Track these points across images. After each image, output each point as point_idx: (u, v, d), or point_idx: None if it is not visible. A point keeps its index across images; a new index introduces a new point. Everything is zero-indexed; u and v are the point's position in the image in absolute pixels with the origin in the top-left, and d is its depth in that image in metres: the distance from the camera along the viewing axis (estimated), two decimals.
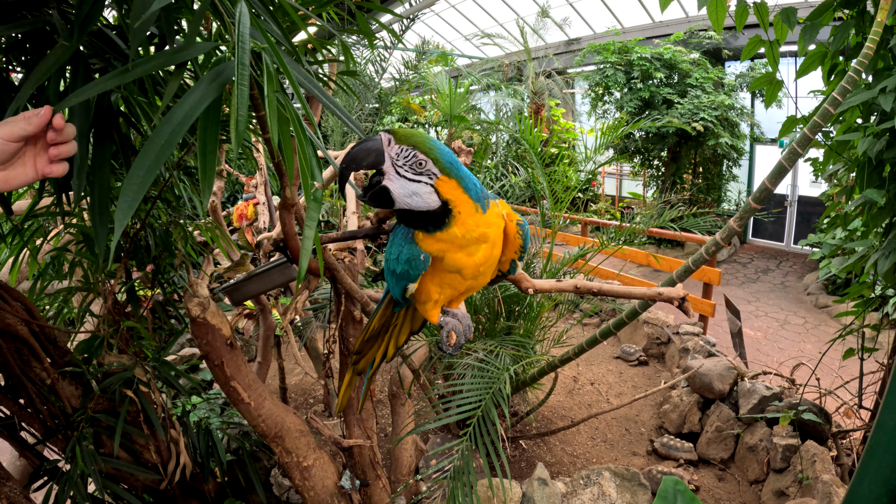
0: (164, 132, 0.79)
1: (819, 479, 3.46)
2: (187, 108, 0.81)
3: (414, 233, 1.24)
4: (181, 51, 0.84)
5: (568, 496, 3.31)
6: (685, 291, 1.68)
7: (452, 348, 1.32)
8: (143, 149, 0.78)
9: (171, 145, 0.78)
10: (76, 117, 1.09)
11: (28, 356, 1.97)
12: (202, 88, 0.83)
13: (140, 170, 0.76)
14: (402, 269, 1.26)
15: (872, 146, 2.53)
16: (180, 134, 0.79)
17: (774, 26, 3.14)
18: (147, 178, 0.76)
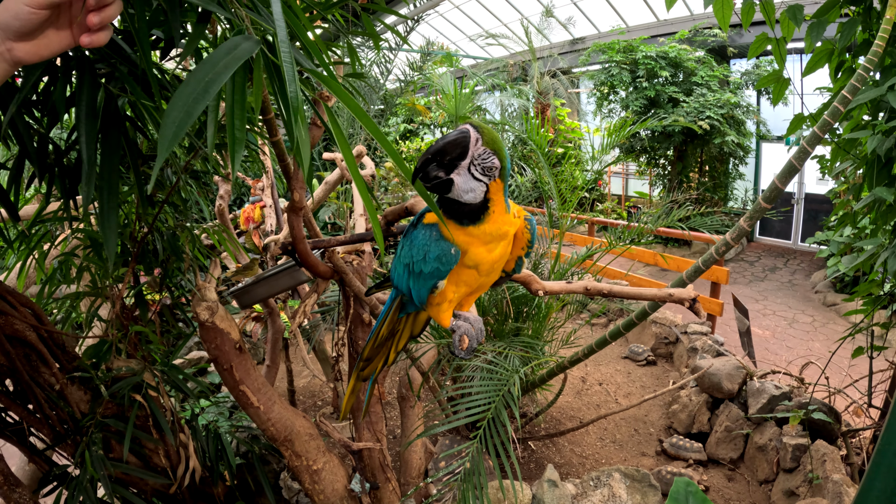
0: (200, 75, 0.70)
1: (829, 478, 3.44)
2: (224, 55, 0.73)
3: (439, 229, 1.25)
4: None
5: (578, 498, 3.30)
6: (696, 292, 1.67)
7: (465, 352, 1.31)
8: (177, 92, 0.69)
9: (211, 88, 0.69)
10: (83, 123, 1.09)
11: (37, 361, 1.97)
12: (234, 43, 0.76)
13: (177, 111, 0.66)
14: (432, 266, 1.27)
15: (881, 144, 2.50)
16: (218, 82, 0.70)
17: (781, 23, 3.12)
18: (184, 123, 0.66)
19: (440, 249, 1.25)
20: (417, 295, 1.34)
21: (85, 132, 1.07)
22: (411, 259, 1.31)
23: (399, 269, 1.37)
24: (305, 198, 1.97)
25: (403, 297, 1.48)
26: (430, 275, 1.28)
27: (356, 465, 2.50)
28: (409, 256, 1.32)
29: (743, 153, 11.84)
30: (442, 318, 1.36)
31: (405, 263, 1.33)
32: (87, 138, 1.07)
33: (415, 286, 1.33)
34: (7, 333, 1.83)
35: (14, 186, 1.60)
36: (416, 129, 16.70)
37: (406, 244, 1.34)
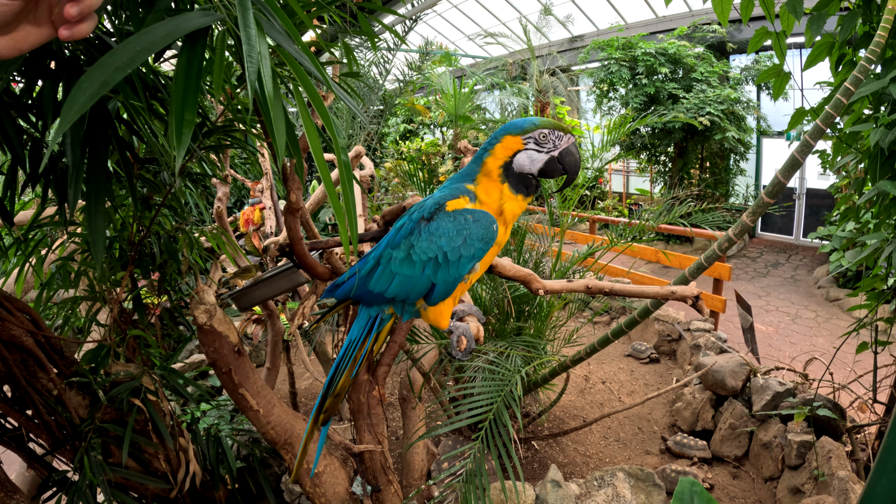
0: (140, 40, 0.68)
1: (835, 475, 3.42)
2: (172, 26, 0.70)
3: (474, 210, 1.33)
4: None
5: (582, 498, 3.28)
6: (699, 290, 1.65)
7: (463, 353, 1.30)
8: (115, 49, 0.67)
9: (142, 54, 0.66)
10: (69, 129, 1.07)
11: (34, 367, 1.96)
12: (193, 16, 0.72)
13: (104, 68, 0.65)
14: (476, 248, 1.31)
15: (885, 136, 2.48)
16: (159, 45, 0.68)
17: (781, 17, 3.10)
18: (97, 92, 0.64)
19: (483, 228, 1.31)
20: (444, 288, 1.35)
21: (70, 135, 1.05)
22: (440, 250, 1.32)
23: (409, 270, 1.34)
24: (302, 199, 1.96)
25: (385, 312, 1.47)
26: (472, 258, 1.32)
27: (357, 467, 2.48)
28: (435, 248, 1.32)
29: (744, 149, 11.82)
30: (442, 319, 1.35)
31: (431, 256, 1.33)
32: (73, 140, 1.05)
33: (446, 276, 1.34)
34: (4, 339, 1.82)
35: (9, 192, 1.59)
36: (416, 129, 16.70)
37: (424, 238, 1.34)
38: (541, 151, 1.33)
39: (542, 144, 1.31)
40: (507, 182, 1.34)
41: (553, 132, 1.31)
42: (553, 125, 1.31)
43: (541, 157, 1.33)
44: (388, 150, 14.84)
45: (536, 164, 1.33)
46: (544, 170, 1.34)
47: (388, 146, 15.20)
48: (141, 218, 2.21)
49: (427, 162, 13.15)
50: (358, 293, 1.41)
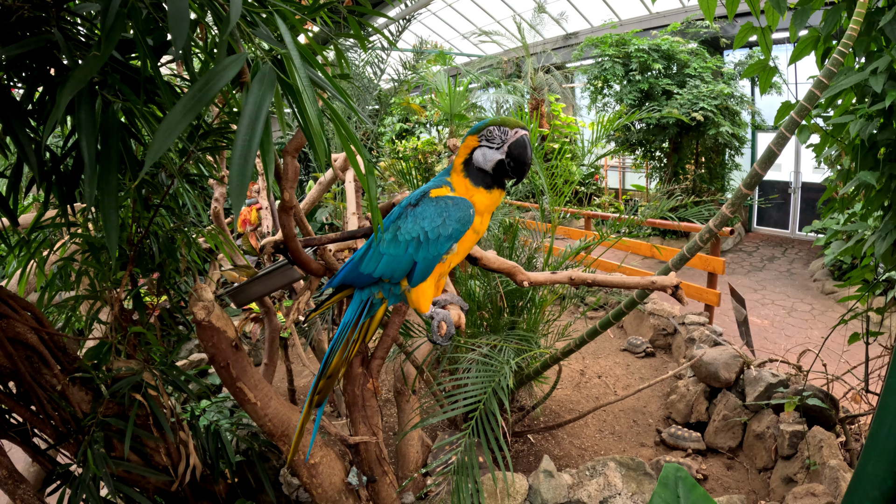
0: (244, 127, 0.89)
1: (826, 464, 3.47)
2: (254, 106, 0.91)
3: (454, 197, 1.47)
4: (217, 72, 0.92)
5: (574, 487, 3.34)
6: (678, 279, 1.71)
7: (443, 338, 1.38)
8: (235, 142, 0.88)
9: (255, 133, 0.89)
10: (83, 127, 1.14)
11: (38, 363, 2.02)
12: (256, 90, 0.92)
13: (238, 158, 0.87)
14: (453, 228, 1.44)
15: (865, 128, 2.54)
16: (259, 125, 0.90)
17: (766, 13, 3.15)
18: (246, 164, 0.87)
19: (460, 211, 1.44)
20: (425, 266, 1.46)
21: (85, 136, 1.12)
22: (422, 230, 1.44)
23: (394, 249, 1.45)
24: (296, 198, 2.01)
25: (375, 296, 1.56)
26: (449, 237, 1.44)
27: (353, 459, 2.54)
28: (418, 228, 1.45)
29: (738, 143, 11.86)
30: (423, 302, 1.44)
31: (414, 236, 1.45)
32: (88, 141, 1.12)
33: (426, 254, 1.46)
34: (9, 336, 1.88)
35: (13, 194, 1.64)
36: (412, 128, 16.74)
37: (409, 220, 1.47)
38: (492, 147, 1.45)
39: (492, 141, 1.43)
40: (468, 177, 1.48)
41: (500, 128, 1.43)
42: (502, 122, 1.44)
43: (493, 153, 1.45)
44: (385, 149, 14.89)
45: (489, 160, 1.46)
46: (499, 163, 1.46)
47: (385, 145, 15.25)
48: (140, 218, 2.27)
49: (423, 161, 13.20)
50: (350, 276, 1.52)
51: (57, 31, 1.25)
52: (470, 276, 3.98)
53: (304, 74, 0.95)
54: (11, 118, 1.29)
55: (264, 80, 0.93)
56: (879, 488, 1.97)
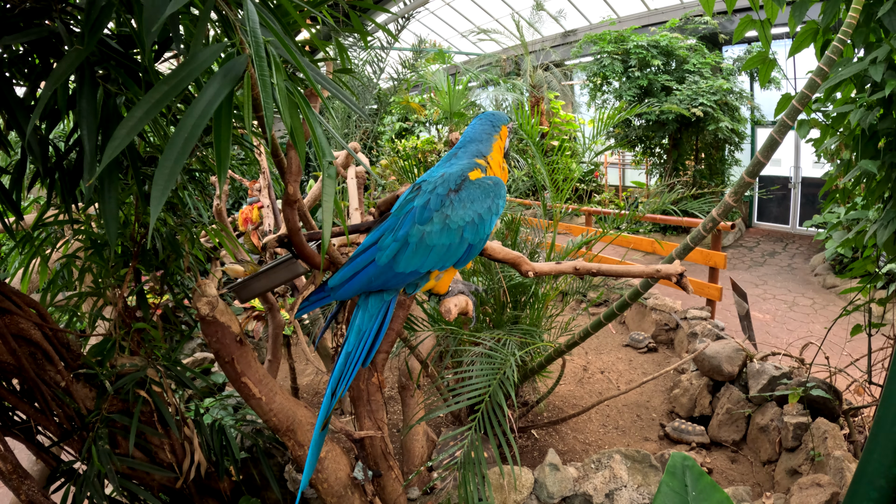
0: (187, 125, 0.85)
1: (831, 455, 3.47)
2: (205, 103, 0.87)
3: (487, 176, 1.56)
4: (194, 62, 0.90)
5: (580, 480, 3.34)
6: (683, 267, 1.71)
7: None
8: (170, 140, 0.84)
9: (194, 136, 0.85)
10: (85, 117, 1.14)
11: (42, 360, 2.02)
12: (216, 83, 0.89)
13: (169, 160, 0.83)
14: (500, 204, 1.52)
15: (865, 117, 2.54)
16: (201, 125, 0.85)
17: (765, 6, 3.15)
18: (176, 167, 0.83)
19: (501, 189, 1.53)
20: (478, 248, 1.51)
21: (86, 124, 1.12)
22: (476, 213, 1.48)
23: (447, 238, 1.45)
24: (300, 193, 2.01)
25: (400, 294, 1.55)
26: (496, 213, 1.52)
27: (358, 453, 2.54)
28: (472, 212, 1.48)
29: (738, 139, 11.86)
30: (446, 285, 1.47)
31: (468, 220, 1.47)
32: (89, 129, 1.12)
33: (482, 235, 1.50)
34: (13, 333, 1.88)
35: (16, 190, 1.65)
36: (412, 126, 16.75)
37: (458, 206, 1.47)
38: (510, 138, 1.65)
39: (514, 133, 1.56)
40: (505, 159, 1.62)
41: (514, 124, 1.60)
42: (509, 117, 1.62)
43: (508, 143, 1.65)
44: (384, 148, 14.89)
45: (508, 147, 1.64)
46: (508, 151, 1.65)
47: (384, 144, 15.26)
48: (142, 215, 2.27)
49: (423, 159, 13.19)
50: (379, 281, 1.45)
51: (59, 23, 1.25)
52: (473, 271, 3.98)
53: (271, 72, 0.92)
54: (16, 111, 1.29)
55: (228, 74, 0.91)
56: (885, 476, 1.97)
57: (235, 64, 0.92)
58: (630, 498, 3.30)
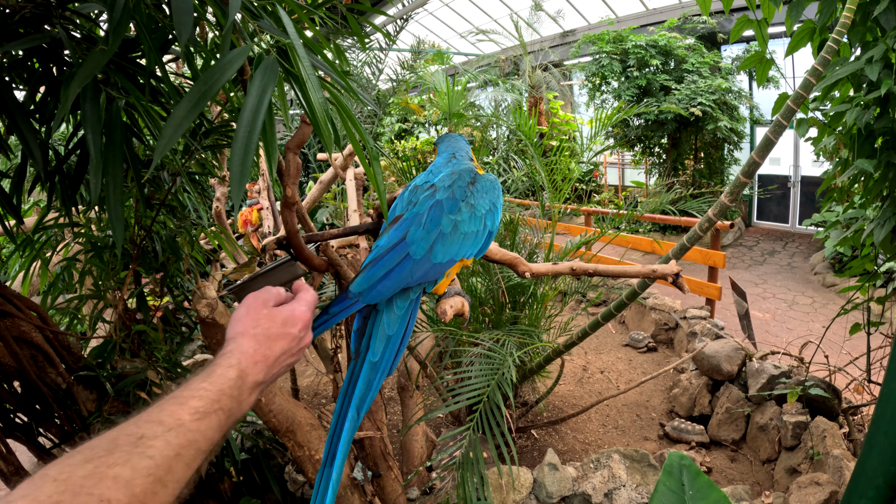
0: (245, 119, 0.89)
1: (830, 454, 3.48)
2: (256, 97, 0.91)
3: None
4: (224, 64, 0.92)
5: (579, 480, 3.35)
6: (678, 267, 1.72)
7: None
8: (236, 132, 0.88)
9: (256, 126, 0.89)
10: (89, 120, 1.15)
11: (43, 362, 2.03)
12: (258, 81, 0.93)
13: (238, 153, 0.87)
14: (502, 198, 1.53)
15: (861, 116, 2.55)
16: (259, 117, 0.90)
17: (762, 5, 3.17)
18: (247, 158, 0.87)
19: (499, 183, 1.55)
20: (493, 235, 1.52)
21: (91, 129, 1.14)
22: (492, 203, 1.51)
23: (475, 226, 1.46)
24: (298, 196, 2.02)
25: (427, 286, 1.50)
26: (500, 206, 1.54)
27: (357, 454, 2.55)
28: (489, 202, 1.50)
29: (737, 138, 11.88)
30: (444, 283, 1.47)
31: (487, 209, 1.49)
32: (94, 134, 1.14)
33: (496, 222, 1.51)
34: (14, 335, 1.89)
35: (16, 194, 1.66)
36: (411, 127, 16.76)
37: (479, 196, 1.49)
38: None
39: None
40: None
41: None
42: None
43: None
44: (384, 149, 14.90)
45: None
46: None
47: (384, 145, 15.27)
48: (142, 218, 2.29)
49: (423, 161, 13.20)
50: (418, 274, 1.38)
51: (61, 28, 1.26)
52: (471, 272, 3.99)
53: (308, 63, 0.96)
54: (16, 115, 1.30)
55: (267, 71, 0.94)
56: (883, 476, 1.98)
57: (269, 63, 0.96)
58: (629, 497, 3.31)
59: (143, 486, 0.63)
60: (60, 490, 0.57)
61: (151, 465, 0.65)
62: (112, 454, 0.63)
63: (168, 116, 0.87)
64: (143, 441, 0.66)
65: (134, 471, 0.63)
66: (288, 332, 0.96)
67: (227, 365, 0.84)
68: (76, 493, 0.58)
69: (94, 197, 1.09)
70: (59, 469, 0.60)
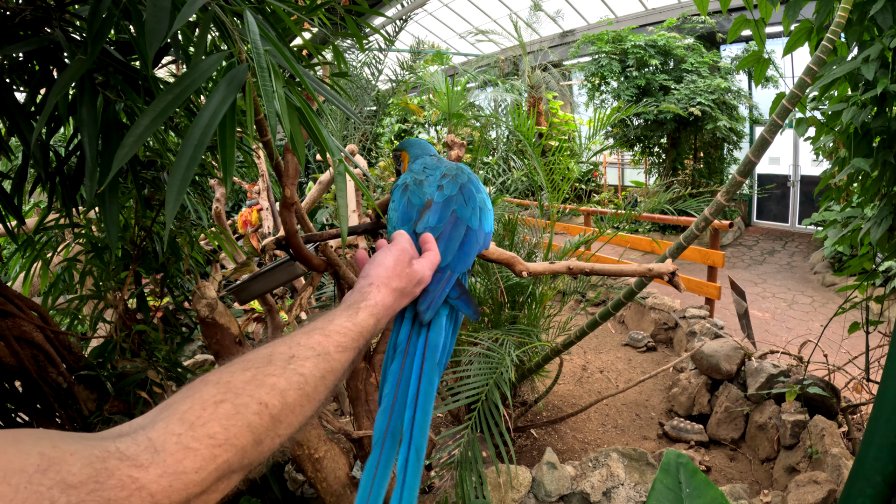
0: (195, 133, 0.88)
1: (828, 452, 3.49)
2: (212, 111, 0.90)
3: None
4: (196, 71, 0.93)
5: (577, 479, 3.36)
6: (675, 266, 1.73)
7: None
8: (181, 150, 0.87)
9: (203, 144, 0.88)
10: (85, 124, 1.17)
11: (44, 362, 2.04)
12: (221, 91, 0.92)
13: (180, 168, 0.86)
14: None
15: (857, 116, 2.56)
16: (210, 133, 0.89)
17: (759, 5, 3.18)
18: (187, 174, 0.86)
19: None
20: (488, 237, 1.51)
21: (87, 132, 1.15)
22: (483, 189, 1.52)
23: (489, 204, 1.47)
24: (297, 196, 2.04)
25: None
26: None
27: (357, 453, 2.56)
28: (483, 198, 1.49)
29: (737, 138, 11.88)
30: None
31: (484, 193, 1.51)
32: (90, 137, 1.15)
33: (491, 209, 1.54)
34: (15, 335, 1.90)
35: (17, 195, 1.67)
36: (411, 128, 16.77)
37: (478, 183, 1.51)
38: None
39: None
40: None
41: None
42: None
43: None
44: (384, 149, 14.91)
45: None
46: None
47: (384, 146, 15.28)
48: (142, 219, 2.30)
49: None
50: (483, 240, 1.37)
51: (59, 31, 1.27)
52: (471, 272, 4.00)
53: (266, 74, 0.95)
54: (17, 117, 1.32)
55: (232, 81, 0.94)
56: (881, 473, 1.99)
57: (238, 72, 0.95)
58: (627, 496, 3.32)
59: (294, 397, 0.70)
60: (223, 391, 0.64)
61: (301, 381, 0.72)
62: (268, 366, 0.71)
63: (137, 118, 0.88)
64: (294, 360, 0.74)
65: (288, 382, 0.70)
66: (413, 292, 1.03)
67: (369, 312, 0.90)
68: (238, 393, 0.65)
69: (89, 200, 1.10)
70: (218, 376, 0.67)
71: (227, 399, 0.63)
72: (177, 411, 0.60)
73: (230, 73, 0.95)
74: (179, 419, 0.59)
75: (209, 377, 0.67)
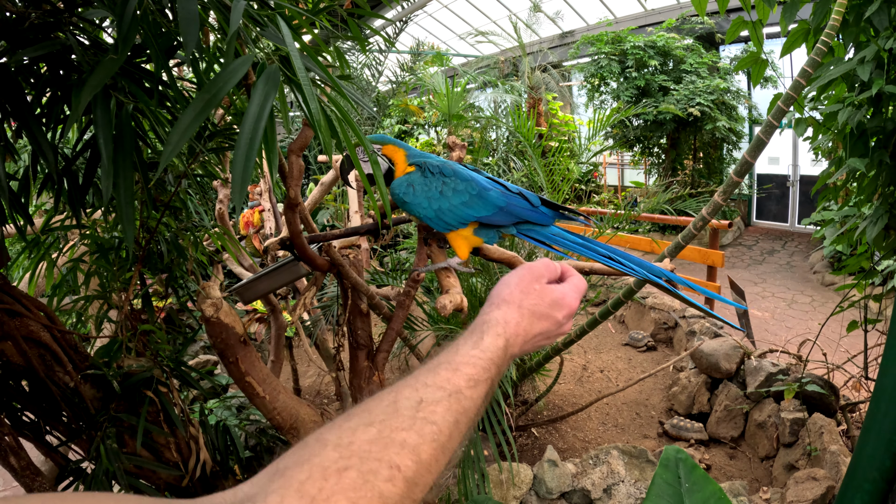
0: (248, 124, 0.93)
1: (827, 450, 3.52)
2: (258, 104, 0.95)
3: None
4: (228, 72, 0.97)
5: (578, 476, 3.39)
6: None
7: None
8: (239, 139, 0.92)
9: (258, 129, 0.93)
10: (101, 128, 1.20)
11: (51, 361, 2.07)
12: (261, 89, 0.97)
13: (242, 148, 0.91)
14: None
15: (853, 116, 2.59)
16: (262, 121, 0.94)
17: (756, 7, 3.21)
18: (249, 158, 0.92)
19: None
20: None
21: (102, 133, 1.18)
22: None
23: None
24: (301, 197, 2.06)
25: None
26: None
27: None
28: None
29: (736, 138, 11.91)
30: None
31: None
32: (105, 138, 1.18)
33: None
34: (23, 335, 1.93)
35: (24, 195, 1.70)
36: (411, 129, 16.80)
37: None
38: None
39: None
40: None
41: None
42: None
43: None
44: None
45: None
46: None
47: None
48: (148, 219, 2.32)
49: None
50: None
51: (70, 35, 1.30)
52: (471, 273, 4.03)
53: (305, 72, 1.00)
54: (29, 119, 1.34)
55: (269, 80, 0.98)
56: (878, 469, 2.01)
57: (271, 72, 1.00)
58: (627, 492, 3.35)
59: (428, 453, 0.60)
60: (346, 455, 0.55)
61: (435, 431, 0.62)
62: (395, 417, 0.61)
63: (175, 123, 0.92)
64: (423, 406, 0.64)
65: (420, 436, 0.60)
66: (552, 315, 0.90)
67: (495, 333, 0.79)
68: (364, 458, 0.55)
69: (105, 199, 1.13)
70: (337, 434, 0.58)
71: (352, 465, 0.54)
72: (292, 481, 0.52)
73: (266, 73, 1.00)
74: (297, 492, 0.51)
75: (327, 436, 0.58)
